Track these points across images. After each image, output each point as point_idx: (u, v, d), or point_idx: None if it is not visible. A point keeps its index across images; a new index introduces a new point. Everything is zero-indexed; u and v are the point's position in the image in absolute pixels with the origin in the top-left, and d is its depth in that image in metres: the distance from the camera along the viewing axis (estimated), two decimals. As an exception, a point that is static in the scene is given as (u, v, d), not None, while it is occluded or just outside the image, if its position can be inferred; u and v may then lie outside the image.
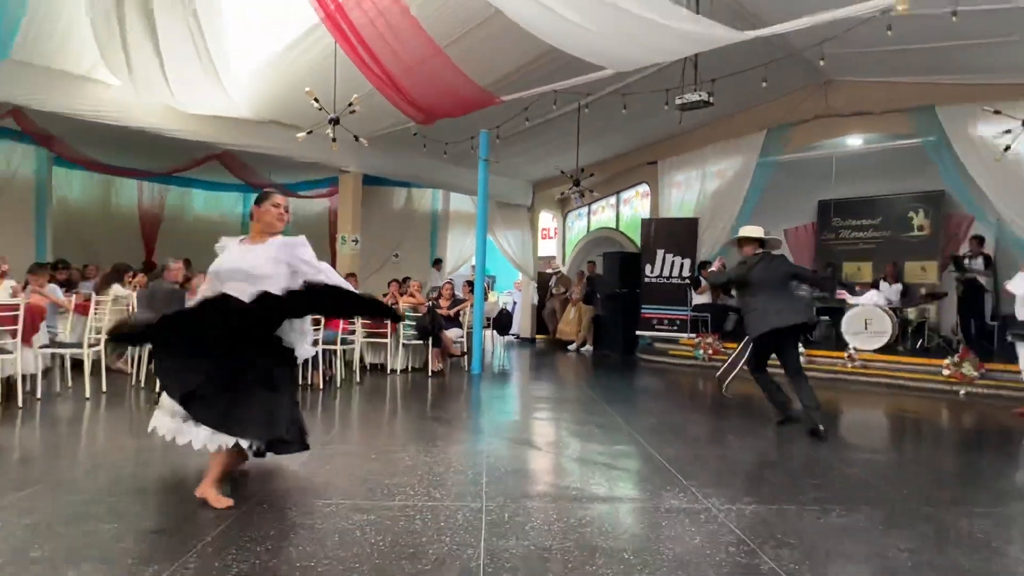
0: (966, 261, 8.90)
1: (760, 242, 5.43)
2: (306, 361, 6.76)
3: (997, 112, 6.84)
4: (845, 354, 8.31)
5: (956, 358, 7.39)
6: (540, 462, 4.04)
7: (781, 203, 11.33)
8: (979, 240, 9.04)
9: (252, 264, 3.04)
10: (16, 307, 5.25)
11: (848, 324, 8.60)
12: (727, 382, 6.24)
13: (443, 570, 2.35)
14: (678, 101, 7.46)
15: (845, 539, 2.77)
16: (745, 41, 6.02)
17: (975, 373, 7.21)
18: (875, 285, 9.72)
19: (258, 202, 3.29)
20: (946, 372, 7.39)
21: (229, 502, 2.94)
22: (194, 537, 2.59)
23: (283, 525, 2.76)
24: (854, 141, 10.51)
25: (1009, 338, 6.25)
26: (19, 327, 5.25)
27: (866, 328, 8.48)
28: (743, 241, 5.47)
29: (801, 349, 8.55)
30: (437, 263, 12.84)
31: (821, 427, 4.65)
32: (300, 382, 6.59)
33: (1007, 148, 7.07)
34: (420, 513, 2.96)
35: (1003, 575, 2.45)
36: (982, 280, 8.84)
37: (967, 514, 3.13)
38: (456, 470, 3.72)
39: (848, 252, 10.94)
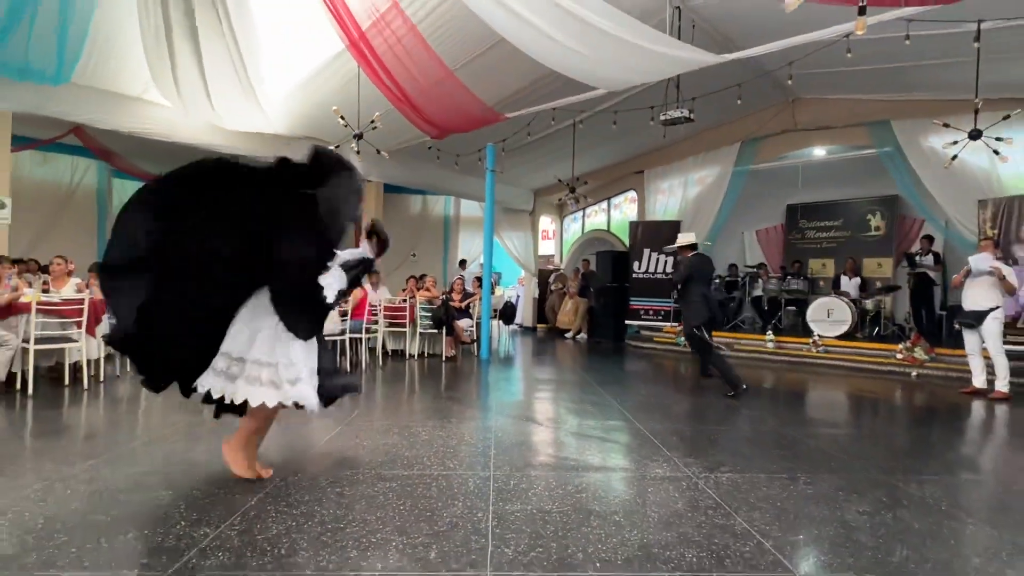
0: (917, 258, 8.86)
1: (693, 246, 6.17)
2: (336, 346, 6.81)
3: (946, 125, 6.79)
4: (810, 340, 8.29)
5: (909, 343, 7.38)
6: (541, 436, 4.04)
7: (753, 207, 11.30)
8: (929, 239, 9.00)
9: None
10: (82, 301, 5.28)
11: (812, 313, 8.58)
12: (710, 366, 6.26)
13: (456, 530, 2.36)
14: (662, 117, 7.43)
15: (810, 504, 2.76)
16: (722, 63, 5.99)
17: (926, 357, 7.18)
18: (837, 281, 9.69)
19: None
20: (900, 356, 7.37)
21: (270, 471, 2.94)
22: (237, 503, 2.60)
23: (315, 492, 2.76)
24: (818, 152, 10.46)
25: (956, 325, 6.22)
26: (84, 319, 5.28)
27: (828, 317, 8.46)
28: (682, 248, 6.16)
29: (770, 336, 8.60)
30: (462, 263, 12.82)
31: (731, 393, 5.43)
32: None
33: (954, 157, 7.02)
34: (436, 481, 2.96)
35: (950, 535, 2.44)
36: (932, 274, 8.80)
37: (918, 481, 3.12)
38: (467, 443, 3.72)
39: (813, 250, 10.89)
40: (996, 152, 6.62)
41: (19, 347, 4.97)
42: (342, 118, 6.94)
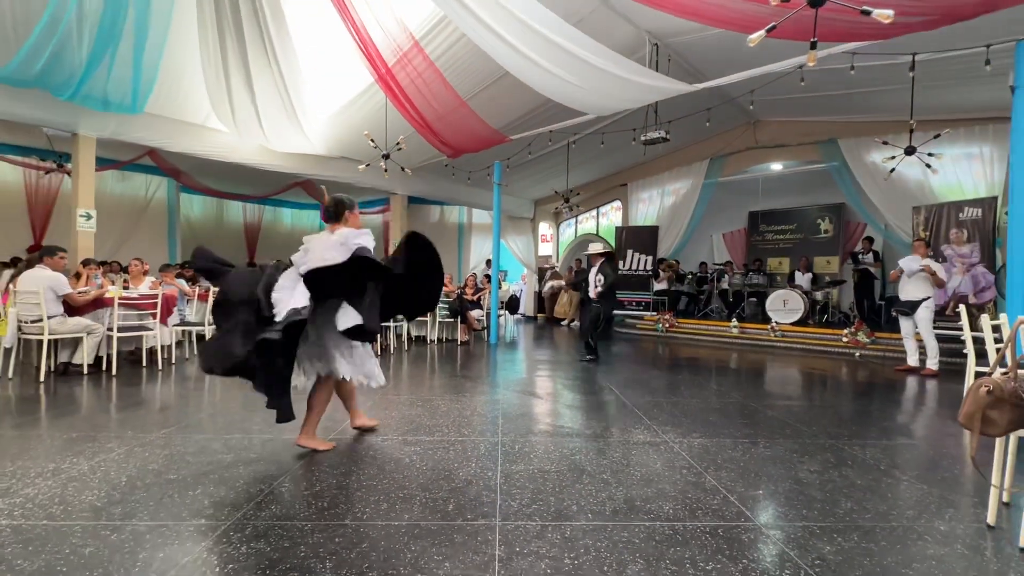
0: (860, 256, 8.79)
1: (601, 254, 6.36)
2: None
3: (885, 143, 6.71)
4: (769, 327, 8.24)
5: (853, 329, 7.32)
6: (541, 407, 4.04)
7: (720, 214, 11.23)
8: (870, 240, 8.92)
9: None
10: (156, 296, 5.31)
11: (771, 304, 8.53)
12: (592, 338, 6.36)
13: (470, 487, 2.37)
14: (643, 138, 7.38)
15: (769, 464, 2.76)
16: (693, 91, 5.94)
17: (867, 340, 7.13)
18: (792, 276, 9.63)
19: (351, 207, 2.98)
20: (845, 339, 7.32)
21: (333, 444, 2.92)
22: (286, 465, 2.62)
23: (352, 455, 2.78)
24: (776, 166, 10.38)
25: (894, 313, 6.17)
26: (158, 311, 5.32)
27: (784, 306, 8.40)
28: (592, 256, 6.42)
29: (735, 323, 8.55)
30: (488, 262, 12.78)
31: (591, 357, 6.18)
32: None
33: (892, 171, 6.95)
34: (452, 446, 2.97)
35: (887, 490, 2.43)
36: (872, 270, 8.74)
37: (860, 445, 3.11)
38: (479, 414, 3.73)
39: (771, 250, 10.81)
40: (928, 166, 6.55)
41: (104, 335, 5.02)
42: (372, 141, 6.93)
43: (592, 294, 6.29)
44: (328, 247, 2.67)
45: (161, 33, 5.83)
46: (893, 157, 6.57)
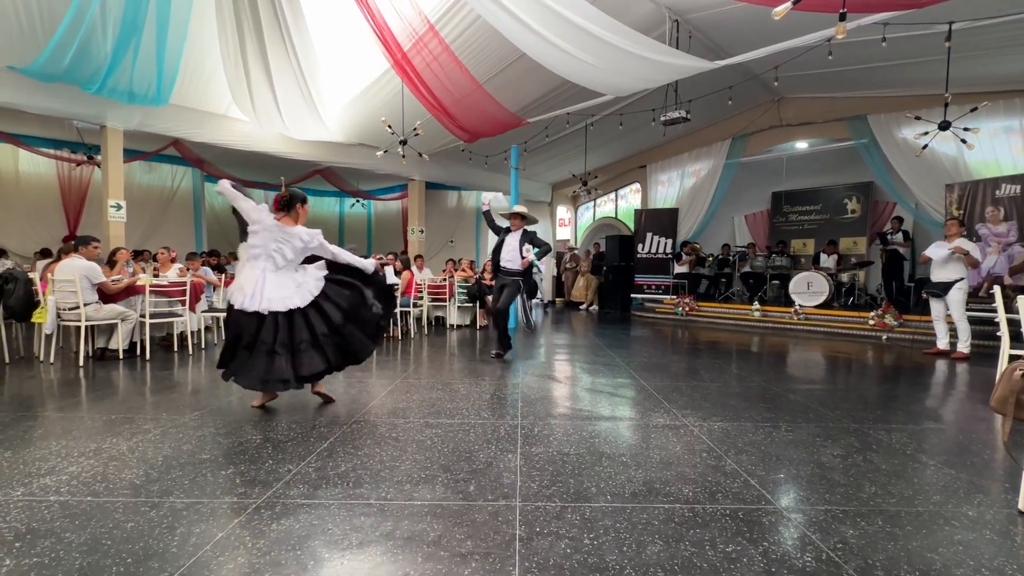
0: (889, 236, 8.52)
1: (522, 217, 5.31)
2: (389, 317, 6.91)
3: (918, 118, 6.44)
4: (792, 309, 8.08)
5: (880, 311, 7.13)
6: (560, 391, 4.06)
7: (742, 195, 10.98)
8: (899, 220, 8.62)
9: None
10: (185, 283, 5.46)
11: (794, 286, 8.35)
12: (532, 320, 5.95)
13: (491, 468, 2.40)
14: (662, 119, 7.22)
15: (790, 448, 2.72)
16: (715, 69, 5.76)
17: (895, 322, 6.94)
18: (816, 258, 9.39)
19: (303, 201, 3.30)
20: (871, 322, 7.14)
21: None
22: (313, 445, 2.69)
23: (375, 436, 2.84)
24: (801, 145, 10.07)
25: (924, 295, 5.98)
26: (187, 298, 5.47)
27: (808, 289, 8.22)
28: (513, 216, 5.32)
29: (756, 306, 8.41)
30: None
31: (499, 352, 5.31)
32: (386, 334, 6.76)
33: (925, 147, 6.67)
34: (473, 428, 3.01)
35: (913, 475, 2.39)
36: (901, 251, 8.45)
37: (886, 429, 3.05)
38: (498, 397, 3.76)
39: (795, 232, 10.54)
40: (963, 141, 6.26)
41: (137, 321, 5.19)
42: (389, 127, 6.93)
43: (518, 264, 5.22)
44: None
45: (182, 25, 5.89)
46: (926, 133, 6.31)
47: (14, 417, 3.12)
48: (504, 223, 5.45)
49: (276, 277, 3.14)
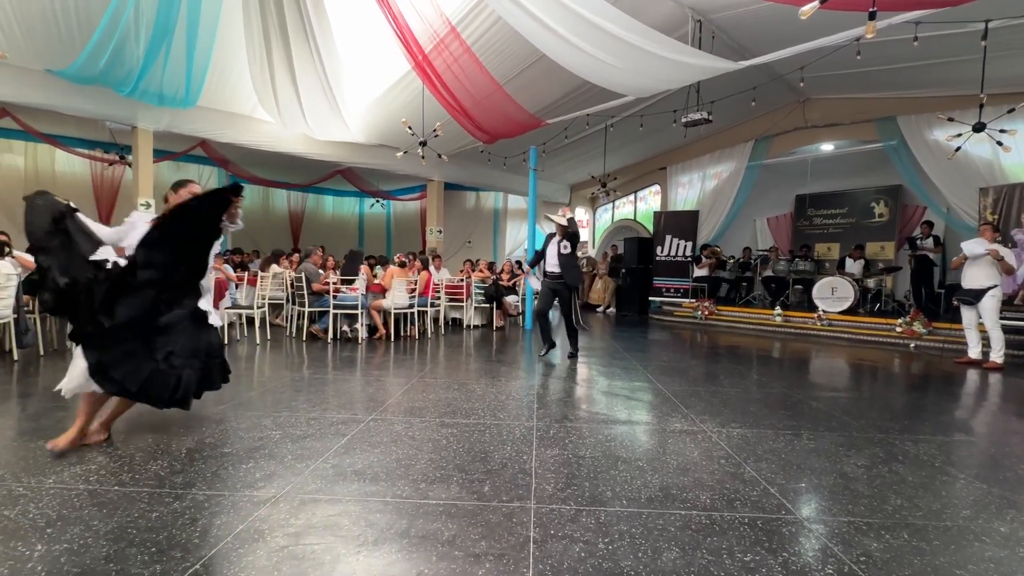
0: (918, 241, 8.26)
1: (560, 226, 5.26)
2: (407, 317, 6.97)
3: (951, 119, 6.23)
4: (815, 315, 7.90)
5: (908, 318, 6.92)
6: (576, 393, 4.04)
7: (764, 197, 10.78)
8: (929, 224, 8.36)
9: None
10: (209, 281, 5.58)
11: (818, 291, 8.16)
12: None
13: (506, 470, 2.40)
14: (684, 120, 7.13)
15: (812, 457, 2.66)
16: (739, 69, 5.67)
17: (924, 330, 6.73)
18: (842, 262, 9.16)
19: (175, 188, 2.85)
20: (899, 329, 6.93)
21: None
22: (331, 442, 2.73)
23: (391, 434, 2.87)
24: (826, 146, 9.83)
25: (955, 302, 5.78)
26: (211, 295, 5.59)
27: (832, 294, 8.03)
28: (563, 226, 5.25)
29: (778, 311, 8.24)
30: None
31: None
32: (401, 334, 6.81)
33: (958, 149, 6.45)
34: (488, 429, 3.02)
35: (941, 488, 2.31)
36: (931, 256, 8.19)
37: (913, 440, 2.96)
38: (514, 398, 3.76)
39: (820, 235, 10.29)
40: (999, 143, 6.04)
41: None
42: (409, 128, 7.00)
43: (555, 267, 5.27)
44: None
45: (211, 28, 6.04)
46: (959, 135, 6.11)
47: (47, 407, 3.23)
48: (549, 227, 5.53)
49: None
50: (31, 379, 4.02)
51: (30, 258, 5.59)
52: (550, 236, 5.48)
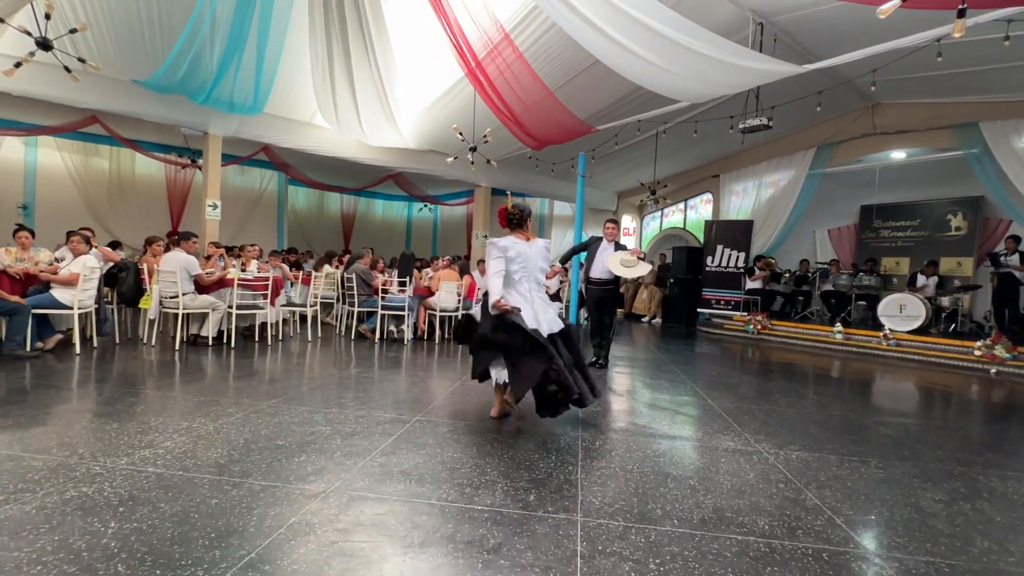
0: (1002, 258, 7.57)
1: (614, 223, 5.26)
2: (450, 321, 7.04)
3: (1044, 125, 5.69)
4: (881, 333, 7.39)
5: (989, 341, 6.35)
6: (621, 405, 3.94)
7: (826, 207, 10.22)
8: (1015, 239, 7.63)
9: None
10: (267, 279, 5.85)
11: (884, 308, 7.63)
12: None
13: (551, 479, 2.36)
14: (741, 126, 6.88)
15: (882, 487, 2.47)
16: (802, 73, 5.41)
17: (1007, 355, 6.15)
18: (913, 279, 8.53)
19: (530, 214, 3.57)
20: (978, 352, 6.36)
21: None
22: (378, 440, 2.77)
23: (437, 436, 2.88)
24: (897, 154, 9.22)
25: (1045, 326, 5.25)
26: (269, 292, 5.86)
27: (901, 312, 7.48)
28: (609, 223, 5.26)
29: (839, 327, 7.75)
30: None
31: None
32: (446, 336, 6.88)
33: (1052, 158, 5.88)
34: (533, 437, 2.98)
35: (1037, 532, 2.08)
36: (1018, 275, 7.48)
37: (999, 476, 2.69)
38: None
39: (887, 249, 9.65)
40: (1103, 151, 5.46)
41: (225, 311, 5.62)
42: (460, 134, 7.10)
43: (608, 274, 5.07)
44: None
45: (279, 39, 6.38)
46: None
47: (121, 392, 3.47)
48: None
49: (542, 298, 3.18)
50: (107, 365, 4.33)
51: (111, 252, 6.06)
52: (596, 239, 5.33)
